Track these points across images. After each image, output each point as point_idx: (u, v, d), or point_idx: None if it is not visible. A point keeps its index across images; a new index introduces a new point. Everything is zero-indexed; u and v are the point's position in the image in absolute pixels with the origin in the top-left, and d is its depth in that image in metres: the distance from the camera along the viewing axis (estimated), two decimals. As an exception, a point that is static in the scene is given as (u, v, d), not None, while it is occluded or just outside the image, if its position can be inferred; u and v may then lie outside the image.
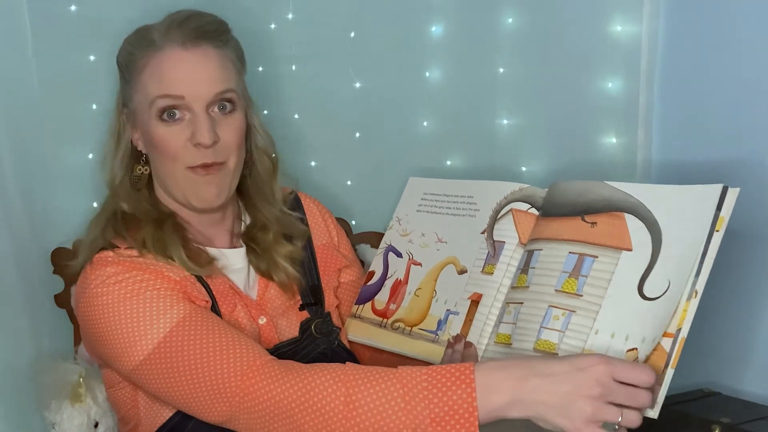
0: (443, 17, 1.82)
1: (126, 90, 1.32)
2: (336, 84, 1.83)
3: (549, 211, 1.24)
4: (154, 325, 1.16)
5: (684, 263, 1.07)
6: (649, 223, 1.12)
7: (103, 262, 1.23)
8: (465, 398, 0.98)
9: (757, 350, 1.56)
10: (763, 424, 1.38)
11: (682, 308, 1.06)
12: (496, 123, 1.84)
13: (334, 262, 1.44)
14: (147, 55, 1.27)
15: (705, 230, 1.07)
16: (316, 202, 1.52)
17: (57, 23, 1.65)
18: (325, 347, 1.35)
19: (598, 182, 1.20)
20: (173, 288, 1.20)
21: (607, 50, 1.71)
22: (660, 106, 1.71)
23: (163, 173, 1.30)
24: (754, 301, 1.54)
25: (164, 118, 1.26)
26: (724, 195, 1.08)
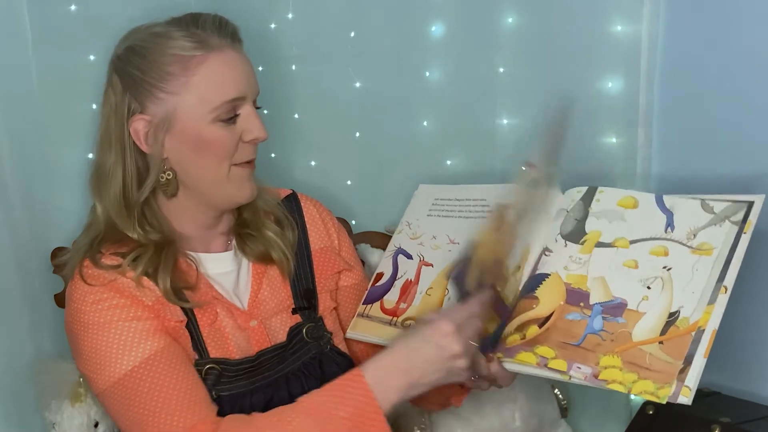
0: (443, 17, 1.82)
1: (146, 96, 1.24)
2: (336, 84, 1.83)
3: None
4: (121, 359, 1.20)
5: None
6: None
7: (82, 274, 1.24)
8: (368, 402, 1.13)
9: (758, 350, 1.56)
10: (763, 424, 1.38)
11: (699, 317, 1.12)
12: (496, 123, 1.84)
13: (332, 266, 1.43)
14: (201, 55, 1.23)
15: (727, 246, 1.15)
16: (317, 204, 1.49)
17: (57, 23, 1.65)
18: (316, 352, 1.35)
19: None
20: (146, 317, 1.22)
21: (607, 50, 1.71)
22: (660, 106, 1.71)
23: (203, 175, 1.27)
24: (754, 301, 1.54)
25: (225, 120, 1.24)
26: (750, 208, 1.16)
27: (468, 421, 1.63)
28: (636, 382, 1.11)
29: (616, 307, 1.18)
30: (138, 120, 1.25)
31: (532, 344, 1.20)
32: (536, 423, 1.68)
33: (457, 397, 1.36)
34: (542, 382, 1.71)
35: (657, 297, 1.16)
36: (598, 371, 1.14)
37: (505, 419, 1.64)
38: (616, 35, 1.70)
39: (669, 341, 1.12)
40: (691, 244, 1.18)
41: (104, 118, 1.28)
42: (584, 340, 1.17)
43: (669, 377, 1.09)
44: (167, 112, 1.24)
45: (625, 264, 1.21)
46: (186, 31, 1.25)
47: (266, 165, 1.82)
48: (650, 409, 1.47)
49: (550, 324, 1.21)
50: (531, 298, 1.25)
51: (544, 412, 1.70)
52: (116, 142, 1.26)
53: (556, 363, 1.17)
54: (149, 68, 1.23)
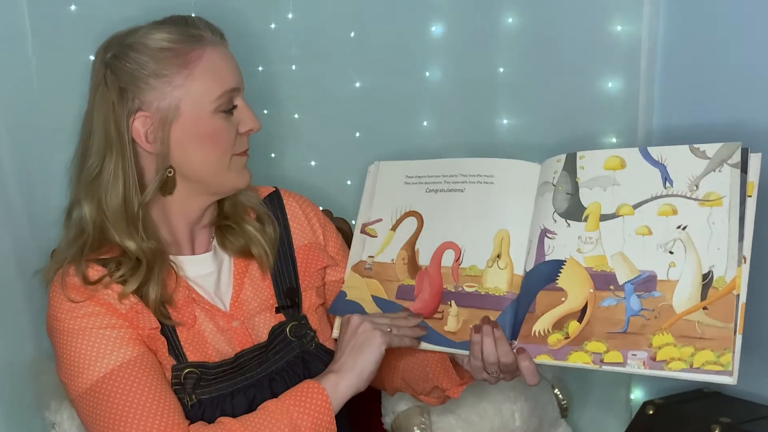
0: (443, 17, 1.82)
1: (148, 91, 1.24)
2: (336, 84, 1.83)
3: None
4: (93, 366, 1.21)
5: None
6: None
7: (63, 283, 1.25)
8: (325, 412, 1.22)
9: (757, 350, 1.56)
10: (763, 424, 1.38)
11: (735, 274, 1.10)
12: (496, 123, 1.84)
13: (316, 262, 1.41)
14: (199, 48, 1.25)
15: (736, 192, 1.11)
16: (300, 199, 1.46)
17: (57, 23, 1.65)
18: (300, 350, 1.34)
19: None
20: (120, 325, 1.23)
21: (607, 50, 1.71)
22: (660, 106, 1.71)
23: (206, 167, 1.28)
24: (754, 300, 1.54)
25: (225, 111, 1.27)
26: (746, 158, 1.12)
27: (468, 421, 1.63)
28: (695, 355, 1.09)
29: (646, 281, 1.15)
30: (139, 117, 1.24)
31: (579, 342, 1.17)
32: (536, 423, 1.68)
33: (455, 389, 1.35)
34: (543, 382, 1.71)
35: (683, 261, 1.13)
36: (654, 353, 1.11)
37: (505, 419, 1.64)
38: (616, 35, 1.70)
39: (712, 305, 1.10)
40: (696, 196, 1.15)
41: (98, 122, 1.26)
42: (629, 325, 1.14)
43: (726, 342, 1.08)
44: (170, 107, 1.24)
45: (637, 232, 1.18)
46: (178, 27, 1.27)
47: (266, 165, 1.82)
48: (650, 409, 1.47)
49: (589, 316, 1.18)
50: (556, 290, 1.22)
51: (544, 412, 1.70)
52: (117, 145, 1.24)
53: (612, 356, 1.14)
54: (149, 63, 1.24)
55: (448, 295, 1.31)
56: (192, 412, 1.24)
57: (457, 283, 1.31)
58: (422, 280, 1.34)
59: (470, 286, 1.29)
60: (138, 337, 1.24)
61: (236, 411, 1.25)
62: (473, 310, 1.28)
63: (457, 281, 1.31)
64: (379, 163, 1.46)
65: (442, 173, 1.37)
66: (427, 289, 1.33)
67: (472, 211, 1.32)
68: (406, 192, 1.40)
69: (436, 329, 1.30)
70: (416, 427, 1.63)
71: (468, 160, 1.36)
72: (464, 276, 1.30)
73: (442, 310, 1.31)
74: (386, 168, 1.44)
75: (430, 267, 1.34)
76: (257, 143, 1.78)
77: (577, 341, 1.17)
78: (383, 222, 1.41)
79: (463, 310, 1.29)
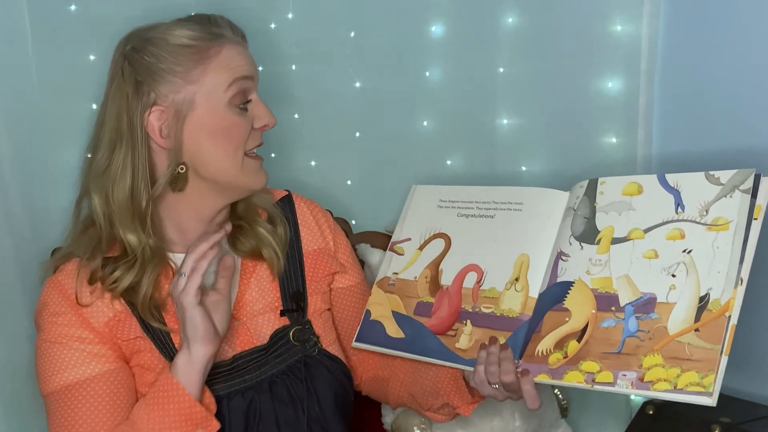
0: (443, 17, 1.82)
1: (164, 84, 1.24)
2: (336, 84, 1.83)
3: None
4: (55, 376, 1.24)
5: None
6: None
7: (51, 286, 1.28)
8: (180, 394, 1.20)
9: (757, 350, 1.56)
10: (763, 424, 1.38)
11: (730, 296, 1.10)
12: (496, 123, 1.84)
13: (324, 267, 1.42)
14: (218, 45, 1.26)
15: (744, 216, 1.13)
16: (312, 205, 1.47)
17: (57, 23, 1.65)
18: (302, 355, 1.33)
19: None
20: (91, 340, 1.25)
21: (607, 50, 1.71)
22: (660, 106, 1.71)
23: (220, 164, 1.27)
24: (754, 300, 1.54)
25: (238, 104, 1.27)
26: (757, 183, 1.14)
27: (468, 421, 1.63)
28: (680, 376, 1.09)
29: (646, 303, 1.16)
30: (154, 111, 1.24)
31: (575, 361, 1.18)
32: (536, 423, 1.68)
33: (466, 407, 1.34)
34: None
35: (684, 284, 1.14)
36: (643, 374, 1.12)
37: (505, 419, 1.64)
38: (616, 35, 1.70)
39: (704, 327, 1.10)
40: (705, 221, 1.16)
41: (111, 113, 1.26)
42: (624, 346, 1.15)
43: (711, 364, 1.07)
44: (185, 101, 1.24)
45: (644, 256, 1.19)
46: (201, 25, 1.28)
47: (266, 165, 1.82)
48: (650, 409, 1.47)
49: (587, 336, 1.19)
50: (562, 311, 1.23)
51: (544, 412, 1.70)
52: (127, 138, 1.24)
53: (603, 376, 1.15)
54: (167, 57, 1.24)
55: (465, 314, 1.32)
56: None
57: (475, 304, 1.32)
58: (442, 299, 1.36)
59: (487, 307, 1.31)
60: (109, 354, 1.25)
61: (233, 413, 1.25)
62: (486, 330, 1.29)
63: (476, 302, 1.32)
64: (415, 186, 1.49)
65: (475, 199, 1.40)
66: (446, 307, 1.35)
67: (498, 236, 1.35)
68: (438, 215, 1.43)
69: (448, 345, 1.31)
70: (416, 427, 1.63)
71: (501, 188, 1.39)
72: (483, 297, 1.32)
73: (457, 327, 1.32)
74: (421, 191, 1.48)
75: (452, 287, 1.36)
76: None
77: (574, 360, 1.18)
78: (411, 241, 1.43)
79: (477, 330, 1.30)
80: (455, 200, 1.43)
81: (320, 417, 1.31)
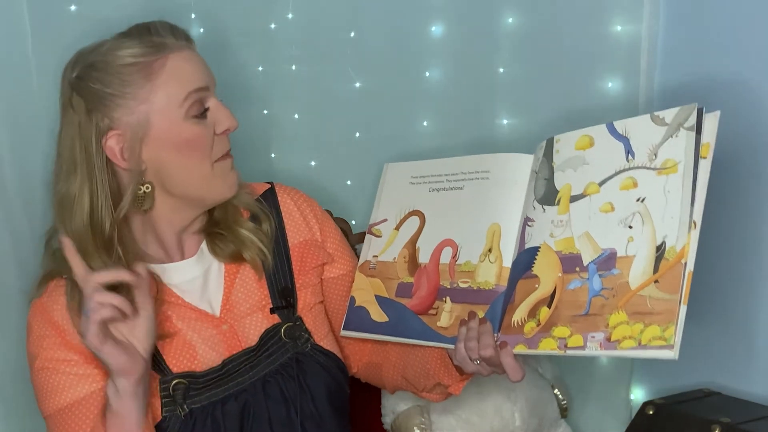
0: (443, 17, 1.82)
1: (115, 109, 1.22)
2: (336, 84, 1.83)
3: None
4: (48, 401, 1.25)
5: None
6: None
7: (35, 308, 1.29)
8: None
9: (757, 350, 1.56)
10: (763, 424, 1.38)
11: (685, 242, 1.06)
12: (496, 123, 1.84)
13: (312, 259, 1.40)
14: (162, 57, 1.23)
15: (690, 156, 1.08)
16: (296, 194, 1.44)
17: (57, 23, 1.65)
18: (294, 352, 1.32)
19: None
20: (77, 362, 1.24)
21: (607, 50, 1.71)
22: (660, 106, 1.71)
23: (188, 177, 1.26)
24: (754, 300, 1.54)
25: (196, 115, 1.25)
26: (701, 119, 1.09)
27: (468, 421, 1.63)
28: (643, 332, 1.05)
29: (607, 260, 1.12)
30: (111, 137, 1.23)
31: (548, 328, 1.15)
32: (536, 423, 1.68)
33: (456, 385, 1.34)
34: (543, 382, 1.71)
35: (640, 234, 1.10)
36: (610, 333, 1.08)
37: (505, 419, 1.64)
38: (616, 35, 1.70)
39: (663, 277, 1.06)
40: (654, 165, 1.11)
41: (65, 143, 1.25)
42: (590, 306, 1.12)
43: (671, 315, 1.04)
44: (140, 121, 1.23)
45: (601, 210, 1.15)
46: (141, 39, 1.25)
47: (266, 165, 1.83)
48: (650, 409, 1.47)
49: (556, 300, 1.16)
50: (531, 278, 1.21)
51: (544, 412, 1.70)
52: (82, 166, 1.23)
53: (573, 340, 1.12)
54: (113, 81, 1.23)
55: (444, 291, 1.31)
56: (185, 422, 1.24)
57: (452, 280, 1.30)
58: (420, 278, 1.34)
59: (464, 281, 1.29)
60: (95, 373, 1.24)
61: (227, 417, 1.25)
62: (465, 305, 1.27)
63: (453, 278, 1.31)
64: (387, 165, 1.46)
65: (444, 172, 1.38)
66: (425, 286, 1.33)
67: (468, 208, 1.32)
68: (410, 192, 1.40)
69: (430, 325, 1.30)
70: (416, 427, 1.63)
71: (468, 158, 1.36)
72: (459, 272, 1.30)
73: (437, 306, 1.30)
74: (393, 169, 1.45)
75: (429, 264, 1.34)
76: (257, 143, 1.80)
77: (547, 327, 1.16)
78: (388, 222, 1.41)
79: (456, 306, 1.28)
80: (426, 175, 1.40)
81: (314, 414, 1.31)
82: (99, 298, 1.12)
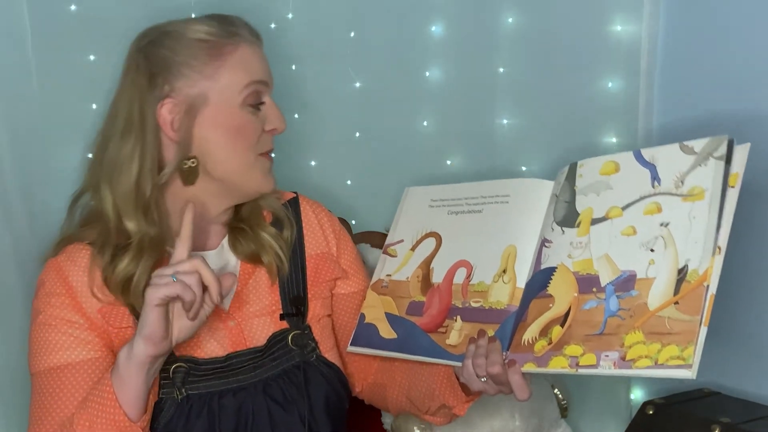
0: (443, 17, 1.83)
1: (179, 78, 1.25)
2: (336, 84, 1.83)
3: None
4: (42, 357, 1.25)
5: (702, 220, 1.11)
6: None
7: (50, 266, 1.29)
8: (111, 404, 1.17)
9: (758, 350, 1.56)
10: (763, 424, 1.38)
11: (708, 265, 1.08)
12: (496, 123, 1.85)
13: (326, 272, 1.41)
14: (233, 43, 1.27)
15: (718, 184, 1.10)
16: (318, 208, 1.47)
17: (57, 23, 1.65)
18: (299, 360, 1.33)
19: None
20: (82, 326, 1.25)
21: (607, 50, 1.71)
22: (660, 106, 1.71)
23: (231, 162, 1.28)
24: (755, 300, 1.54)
25: (252, 104, 1.28)
26: (731, 150, 1.12)
27: (468, 421, 1.63)
28: (660, 351, 1.07)
29: (626, 281, 1.14)
30: (167, 104, 1.26)
31: (560, 346, 1.16)
32: (536, 423, 1.68)
33: (461, 406, 1.33)
34: (542, 381, 1.71)
35: (662, 258, 1.12)
36: (625, 352, 1.09)
37: (505, 419, 1.64)
38: (616, 35, 1.70)
39: (683, 299, 1.08)
40: (681, 192, 1.14)
41: (123, 104, 1.27)
42: (605, 326, 1.13)
43: (691, 336, 1.05)
44: (199, 95, 1.25)
45: (623, 233, 1.17)
46: (218, 22, 1.29)
47: (266, 165, 1.83)
48: (650, 409, 1.47)
49: (570, 320, 1.17)
50: (545, 297, 1.22)
51: (544, 412, 1.70)
52: (138, 128, 1.26)
53: (586, 359, 1.13)
54: (183, 50, 1.26)
55: (455, 310, 1.32)
56: (180, 406, 1.24)
57: (465, 299, 1.32)
58: (432, 297, 1.35)
59: (476, 301, 1.30)
60: (96, 341, 1.25)
61: (223, 411, 1.25)
62: (475, 324, 1.28)
63: (465, 297, 1.32)
64: (408, 188, 1.49)
65: (464, 196, 1.40)
66: (436, 304, 1.34)
67: (486, 230, 1.34)
68: (429, 215, 1.43)
69: (438, 342, 1.30)
70: (416, 428, 1.63)
71: (488, 183, 1.39)
72: (472, 292, 1.31)
73: (447, 324, 1.31)
74: (414, 193, 1.48)
75: (442, 284, 1.35)
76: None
77: (558, 346, 1.17)
78: (404, 243, 1.43)
79: (466, 325, 1.29)
80: (445, 199, 1.42)
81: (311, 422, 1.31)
82: (191, 281, 1.14)
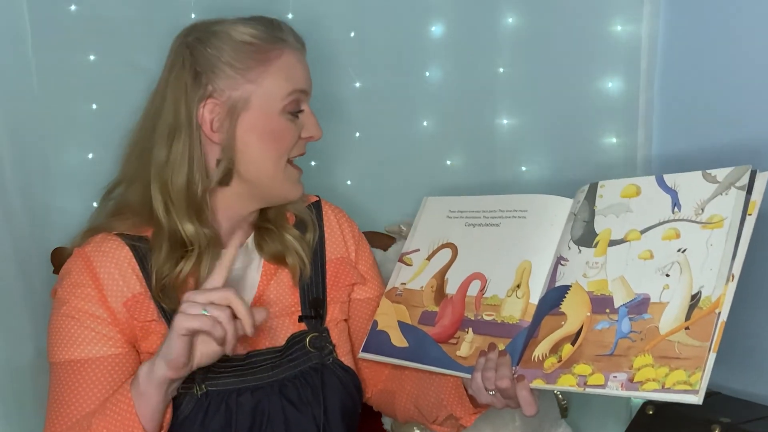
0: (443, 17, 1.83)
1: (223, 79, 1.24)
2: (336, 84, 1.83)
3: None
4: (62, 349, 1.24)
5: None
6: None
7: (77, 256, 1.27)
8: (129, 412, 1.17)
9: (758, 350, 1.56)
10: (763, 424, 1.38)
11: (721, 293, 1.09)
12: (496, 123, 1.85)
13: (345, 277, 1.42)
14: (278, 49, 1.27)
15: (738, 213, 1.12)
16: (339, 213, 1.47)
17: (57, 23, 1.65)
18: (317, 362, 1.33)
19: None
20: (105, 320, 1.24)
21: (607, 50, 1.71)
22: (660, 106, 1.71)
23: (263, 167, 1.28)
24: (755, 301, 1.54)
25: (291, 112, 1.29)
26: (753, 179, 1.13)
27: (468, 421, 1.63)
28: (668, 375, 1.08)
29: (640, 304, 1.15)
30: (208, 104, 1.25)
31: (569, 364, 1.17)
32: (536, 423, 1.68)
33: (468, 417, 1.33)
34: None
35: (677, 283, 1.13)
36: (633, 374, 1.11)
37: (505, 419, 1.64)
38: (616, 35, 1.70)
39: (694, 325, 1.09)
40: (700, 219, 1.15)
41: (170, 103, 1.26)
42: (616, 347, 1.14)
43: (699, 361, 1.07)
44: (241, 99, 1.25)
45: (639, 256, 1.18)
46: (265, 26, 1.29)
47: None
48: (650, 409, 1.47)
49: (581, 339, 1.18)
50: (558, 315, 1.22)
51: (544, 412, 1.70)
52: (186, 128, 1.25)
53: (594, 378, 1.14)
54: (230, 52, 1.25)
55: (467, 322, 1.32)
56: (199, 402, 1.24)
57: (477, 312, 1.32)
58: (445, 307, 1.36)
59: (489, 314, 1.30)
60: (118, 337, 1.24)
61: (240, 409, 1.25)
62: (487, 337, 1.29)
63: (478, 310, 1.32)
64: (426, 198, 1.49)
65: (482, 209, 1.40)
66: (449, 316, 1.34)
67: (502, 244, 1.34)
68: (446, 225, 1.43)
69: (449, 353, 1.31)
70: (416, 428, 1.63)
71: (507, 197, 1.39)
72: (485, 305, 1.32)
73: (459, 336, 1.32)
74: (432, 203, 1.48)
75: (456, 295, 1.36)
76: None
77: (568, 364, 1.18)
78: (420, 252, 1.43)
79: (478, 337, 1.29)
80: (464, 210, 1.42)
81: (325, 425, 1.31)
82: (222, 317, 1.12)
